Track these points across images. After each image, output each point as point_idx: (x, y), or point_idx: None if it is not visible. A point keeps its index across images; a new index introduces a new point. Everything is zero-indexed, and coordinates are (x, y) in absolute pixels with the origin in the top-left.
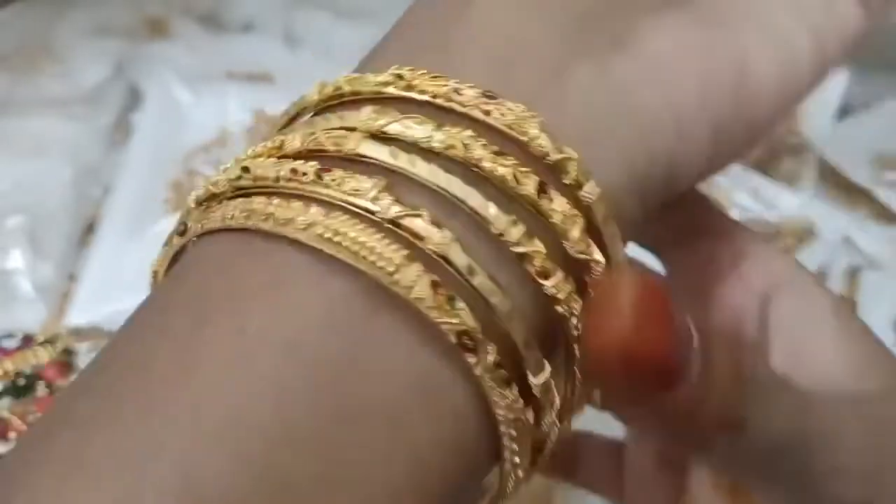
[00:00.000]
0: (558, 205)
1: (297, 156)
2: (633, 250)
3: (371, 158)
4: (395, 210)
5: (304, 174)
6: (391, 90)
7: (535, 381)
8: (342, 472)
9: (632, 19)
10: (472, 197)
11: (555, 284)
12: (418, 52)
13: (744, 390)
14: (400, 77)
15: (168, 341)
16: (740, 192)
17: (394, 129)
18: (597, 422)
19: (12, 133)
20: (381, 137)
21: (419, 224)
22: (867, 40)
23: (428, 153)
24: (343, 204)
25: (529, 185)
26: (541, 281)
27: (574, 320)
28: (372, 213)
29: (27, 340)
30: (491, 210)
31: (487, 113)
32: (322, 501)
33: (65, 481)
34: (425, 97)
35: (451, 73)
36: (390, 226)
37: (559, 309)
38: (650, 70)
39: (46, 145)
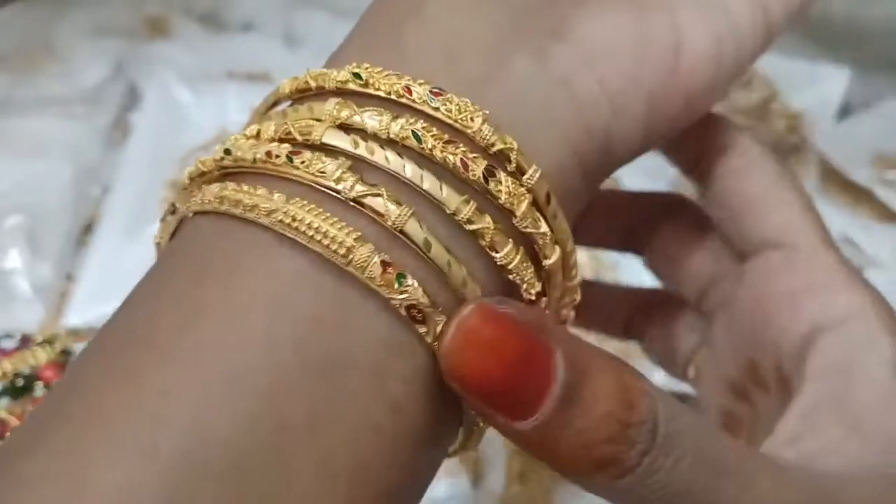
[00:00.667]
0: (505, 186)
1: (271, 141)
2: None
3: (335, 147)
4: (357, 189)
5: (278, 156)
6: (351, 87)
7: None
8: (329, 416)
9: (566, 10)
10: (426, 180)
11: (504, 255)
12: (375, 48)
13: (629, 433)
14: (357, 76)
15: (170, 305)
16: None
17: (355, 120)
18: None
19: (12, 133)
20: (344, 127)
21: (379, 202)
22: (866, 36)
23: (386, 142)
24: (310, 183)
25: (477, 171)
26: (491, 253)
27: (525, 286)
28: (337, 192)
29: (25, 341)
30: (444, 191)
31: (436, 108)
32: (311, 440)
33: (82, 436)
34: (381, 93)
35: (404, 68)
36: (354, 204)
37: (510, 277)
38: (583, 54)
39: (46, 145)
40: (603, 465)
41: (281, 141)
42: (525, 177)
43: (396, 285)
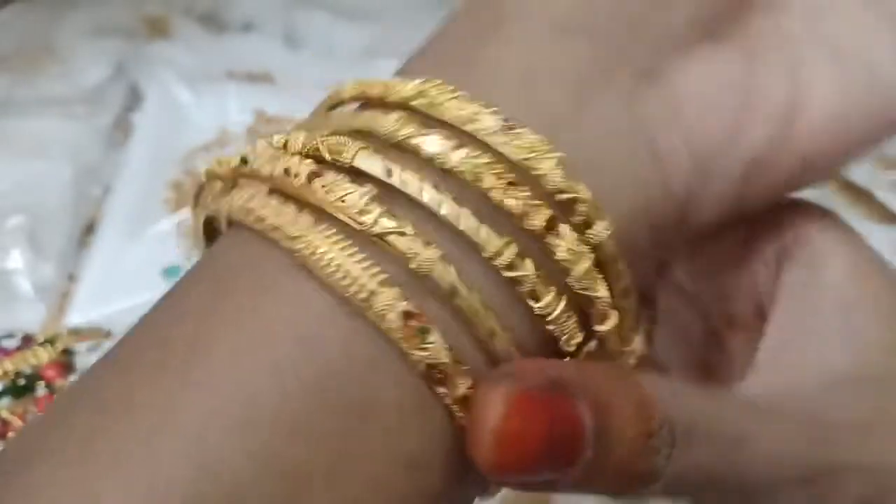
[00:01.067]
0: (565, 241)
1: (296, 156)
2: None
3: (365, 172)
4: (382, 224)
5: (297, 175)
6: (415, 104)
7: None
8: (346, 468)
9: (663, 51)
10: (464, 220)
11: (544, 305)
12: (449, 66)
13: (651, 443)
14: (423, 94)
15: (186, 322)
16: None
17: (413, 142)
18: None
19: (12, 133)
20: (400, 146)
21: (403, 242)
22: None
23: (427, 169)
24: (331, 211)
25: (537, 221)
26: (530, 302)
27: (564, 337)
28: (360, 224)
29: (27, 340)
30: (482, 233)
31: (505, 143)
32: (325, 494)
33: (80, 466)
34: (446, 118)
35: (478, 91)
36: (376, 240)
37: (550, 328)
38: (674, 102)
39: (46, 145)
40: (635, 481)
41: (307, 157)
42: (591, 232)
43: (417, 340)
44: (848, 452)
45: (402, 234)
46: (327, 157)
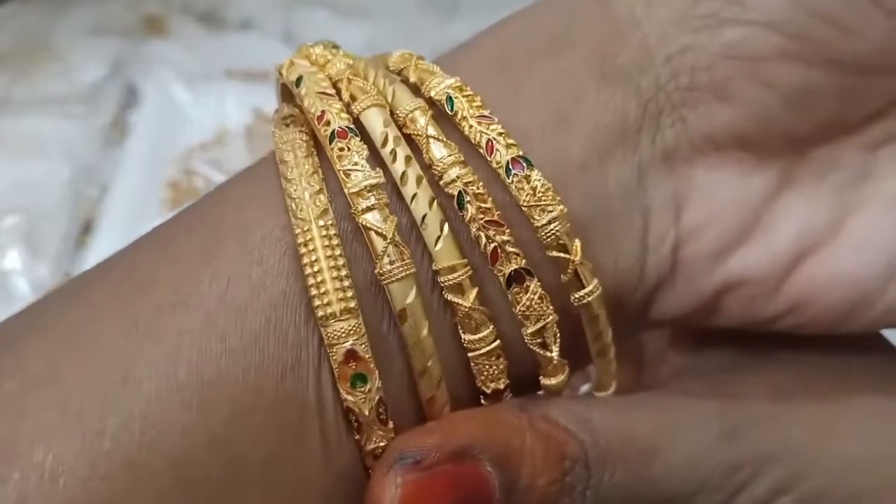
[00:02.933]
0: (527, 299)
1: (328, 81)
2: None
3: (365, 128)
4: (367, 219)
5: (328, 123)
6: (442, 106)
7: None
8: (282, 465)
9: (696, 141)
10: (430, 224)
11: (474, 341)
12: (495, 72)
13: (566, 482)
14: (451, 101)
15: (176, 265)
16: None
17: (419, 138)
18: None
19: (9, 132)
20: (407, 136)
21: (380, 244)
22: None
23: (427, 169)
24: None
25: (504, 270)
26: (461, 333)
27: (483, 379)
28: (352, 203)
29: None
30: (440, 244)
31: (509, 183)
32: (259, 485)
33: (29, 396)
34: (464, 131)
35: (507, 110)
36: (363, 229)
37: (472, 364)
38: (679, 199)
39: (44, 145)
40: None
41: (333, 86)
42: (578, 294)
43: (348, 385)
44: (761, 441)
45: (382, 235)
46: (345, 96)
